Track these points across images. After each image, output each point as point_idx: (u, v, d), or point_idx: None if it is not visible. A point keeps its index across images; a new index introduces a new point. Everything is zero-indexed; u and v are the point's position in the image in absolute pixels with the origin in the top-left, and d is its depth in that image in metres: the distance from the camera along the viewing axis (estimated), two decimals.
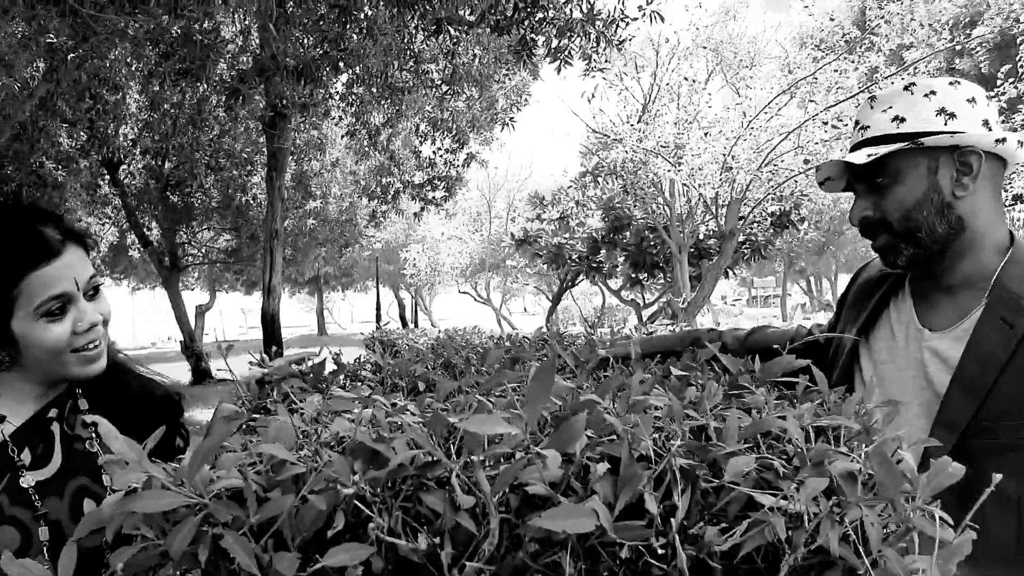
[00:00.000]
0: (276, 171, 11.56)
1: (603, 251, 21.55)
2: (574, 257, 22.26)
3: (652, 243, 19.68)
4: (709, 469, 0.85)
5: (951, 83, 1.55)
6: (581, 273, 24.17)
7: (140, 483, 0.81)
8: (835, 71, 11.93)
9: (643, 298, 25.41)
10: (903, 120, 1.53)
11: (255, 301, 35.98)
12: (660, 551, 0.78)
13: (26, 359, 1.47)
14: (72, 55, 7.48)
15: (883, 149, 1.51)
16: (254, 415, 1.28)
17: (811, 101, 12.04)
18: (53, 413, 1.53)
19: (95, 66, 8.76)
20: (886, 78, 12.01)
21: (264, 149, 13.35)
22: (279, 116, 10.35)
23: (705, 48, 15.53)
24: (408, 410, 1.03)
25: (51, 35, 6.95)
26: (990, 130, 1.51)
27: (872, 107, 1.61)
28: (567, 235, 22.12)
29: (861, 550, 0.78)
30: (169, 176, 16.71)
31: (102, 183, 17.24)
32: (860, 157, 1.52)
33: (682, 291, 15.49)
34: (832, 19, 13.02)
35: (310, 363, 1.71)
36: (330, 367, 1.67)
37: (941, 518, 0.79)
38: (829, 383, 1.22)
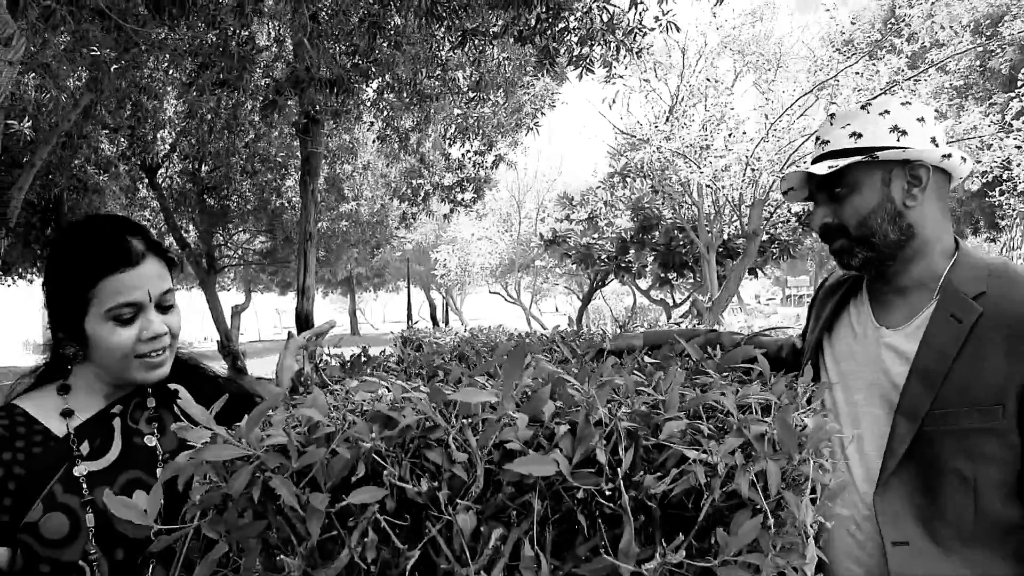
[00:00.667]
0: (310, 175, 11.78)
1: (632, 251, 21.59)
2: (603, 257, 22.31)
3: (681, 243, 19.72)
4: (653, 431, 1.08)
5: (903, 103, 1.71)
6: (611, 273, 24.25)
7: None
8: (856, 73, 11.96)
9: (672, 298, 25.47)
10: (860, 136, 1.69)
11: (289, 301, 36.41)
12: (608, 493, 1.00)
13: (93, 357, 1.56)
14: (115, 66, 7.77)
15: (842, 161, 1.66)
16: (295, 396, 1.52)
17: (832, 103, 12.10)
18: (117, 409, 1.61)
19: (135, 75, 9.09)
20: (907, 79, 12.04)
21: (298, 153, 13.63)
22: (312, 122, 10.60)
23: (729, 49, 15.56)
24: (421, 389, 1.26)
25: (95, 47, 7.24)
26: (937, 146, 1.67)
27: (832, 124, 1.77)
28: (596, 235, 22.18)
29: (762, 494, 1.00)
30: (206, 180, 17.02)
31: (141, 187, 17.58)
32: (821, 169, 1.68)
33: (710, 290, 15.59)
34: (853, 22, 13.03)
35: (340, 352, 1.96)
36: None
37: (822, 465, 1.00)
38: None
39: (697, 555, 1.01)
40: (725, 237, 17.80)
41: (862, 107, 1.73)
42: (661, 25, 6.03)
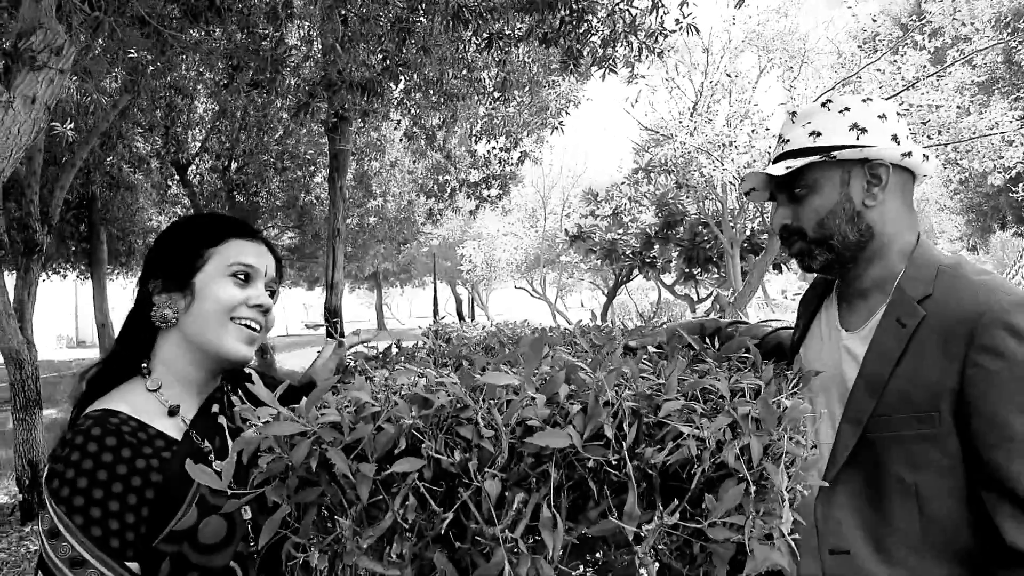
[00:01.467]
0: (338, 172, 11.93)
1: (656, 246, 21.68)
2: (628, 252, 22.42)
3: (705, 238, 19.80)
4: (653, 410, 1.24)
5: (863, 100, 1.67)
6: (635, 268, 24.34)
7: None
8: (879, 71, 11.99)
9: (697, 292, 25.54)
10: (819, 134, 1.65)
11: (316, 296, 36.81)
12: (614, 463, 1.17)
13: (190, 316, 1.53)
14: (152, 68, 8.00)
15: (800, 161, 1.63)
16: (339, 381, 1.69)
17: None
18: (216, 408, 1.53)
19: (170, 76, 9.33)
20: (929, 76, 12.05)
21: (326, 151, 13.84)
22: (341, 120, 10.79)
23: (753, 46, 15.60)
24: (452, 376, 1.43)
25: (132, 50, 7.45)
26: (899, 144, 1.64)
27: (793, 122, 1.72)
28: (620, 231, 22.28)
29: (746, 465, 1.16)
30: (236, 177, 17.26)
31: (172, 183, 17.88)
32: (779, 169, 1.64)
33: (733, 286, 15.67)
34: (874, 20, 13.06)
35: (374, 344, 2.14)
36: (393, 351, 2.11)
37: (798, 441, 1.17)
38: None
39: (690, 518, 1.18)
40: (749, 233, 17.85)
41: (822, 105, 1.70)
42: (681, 27, 6.17)
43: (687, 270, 22.01)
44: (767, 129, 13.55)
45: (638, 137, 19.44)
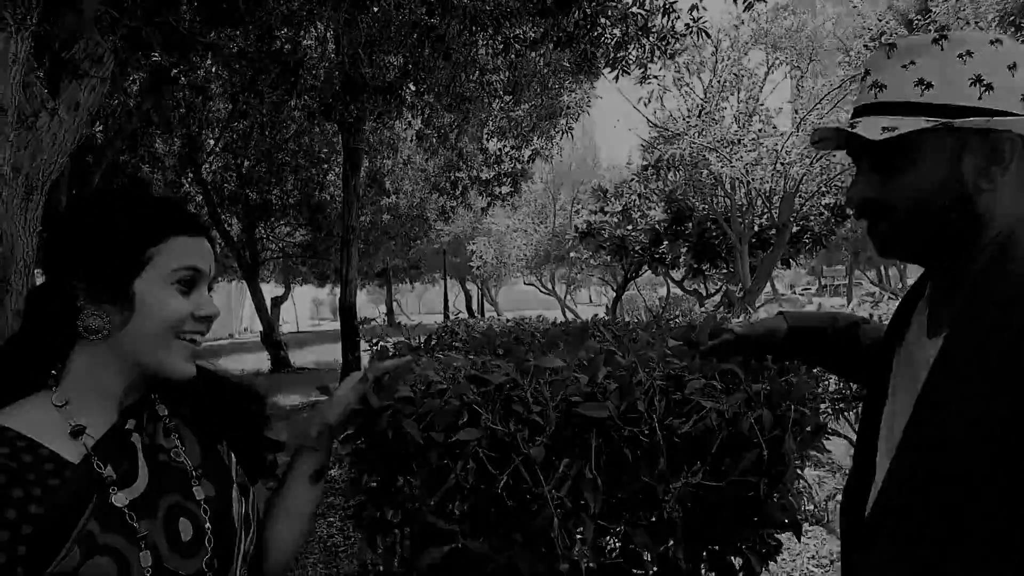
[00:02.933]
0: (352, 170, 12.16)
1: (665, 242, 21.83)
2: (637, 248, 22.58)
3: (714, 234, 19.94)
4: (680, 388, 1.45)
5: (992, 42, 1.19)
6: (644, 264, 24.51)
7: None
8: None
9: (705, 288, 25.71)
10: (930, 86, 1.19)
11: (326, 293, 37.05)
12: (646, 432, 1.37)
13: (127, 333, 1.25)
14: (174, 71, 8.20)
15: (904, 125, 1.16)
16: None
17: None
18: (131, 424, 1.30)
19: (191, 78, 9.54)
20: None
21: (339, 149, 14.04)
22: (356, 119, 11.00)
23: (761, 44, 15.74)
24: (495, 361, 1.64)
25: (155, 55, 7.65)
26: None
27: (889, 57, 1.25)
28: (630, 227, 22.45)
29: (760, 434, 1.37)
30: (248, 174, 17.44)
31: (185, 182, 18.10)
32: (874, 131, 1.17)
33: (742, 281, 15.83)
34: (880, 19, 13.22)
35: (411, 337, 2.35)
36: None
37: (804, 413, 1.37)
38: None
39: (711, 478, 1.38)
40: (757, 228, 17.98)
41: (934, 41, 1.21)
42: (692, 31, 6.36)
43: (696, 266, 22.16)
44: (774, 127, 13.72)
45: (647, 134, 19.59)
